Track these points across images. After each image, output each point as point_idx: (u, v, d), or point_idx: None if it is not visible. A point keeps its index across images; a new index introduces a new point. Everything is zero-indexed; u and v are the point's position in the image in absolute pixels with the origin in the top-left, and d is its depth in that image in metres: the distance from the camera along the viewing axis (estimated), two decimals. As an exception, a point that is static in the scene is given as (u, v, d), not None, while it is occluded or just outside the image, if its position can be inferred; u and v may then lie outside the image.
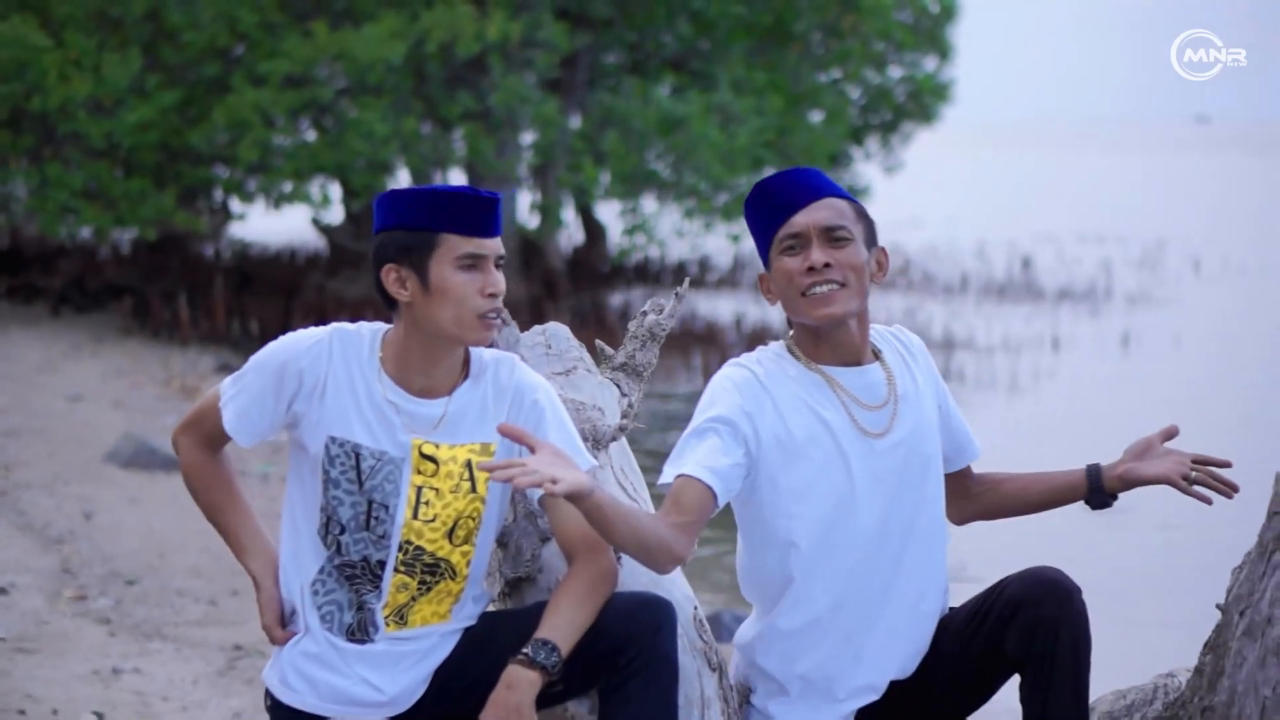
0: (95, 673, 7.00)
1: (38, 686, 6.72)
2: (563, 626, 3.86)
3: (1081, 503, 4.25)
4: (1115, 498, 4.23)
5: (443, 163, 21.54)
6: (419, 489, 3.93)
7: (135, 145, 19.26)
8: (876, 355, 4.14)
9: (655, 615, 3.87)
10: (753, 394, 4.00)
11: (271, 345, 4.01)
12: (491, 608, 4.19)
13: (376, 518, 3.93)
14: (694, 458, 3.92)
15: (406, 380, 3.95)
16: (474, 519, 3.99)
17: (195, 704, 6.78)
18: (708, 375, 4.18)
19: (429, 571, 3.97)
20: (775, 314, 23.61)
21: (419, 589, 3.98)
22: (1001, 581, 4.06)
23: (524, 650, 3.85)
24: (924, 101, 26.18)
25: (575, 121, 22.20)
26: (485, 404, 3.98)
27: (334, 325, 4.02)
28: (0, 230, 23.29)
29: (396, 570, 3.95)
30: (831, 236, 4.04)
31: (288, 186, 20.33)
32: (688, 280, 4.51)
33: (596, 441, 4.20)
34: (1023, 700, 3.97)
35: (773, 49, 23.54)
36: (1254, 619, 3.87)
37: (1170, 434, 4.20)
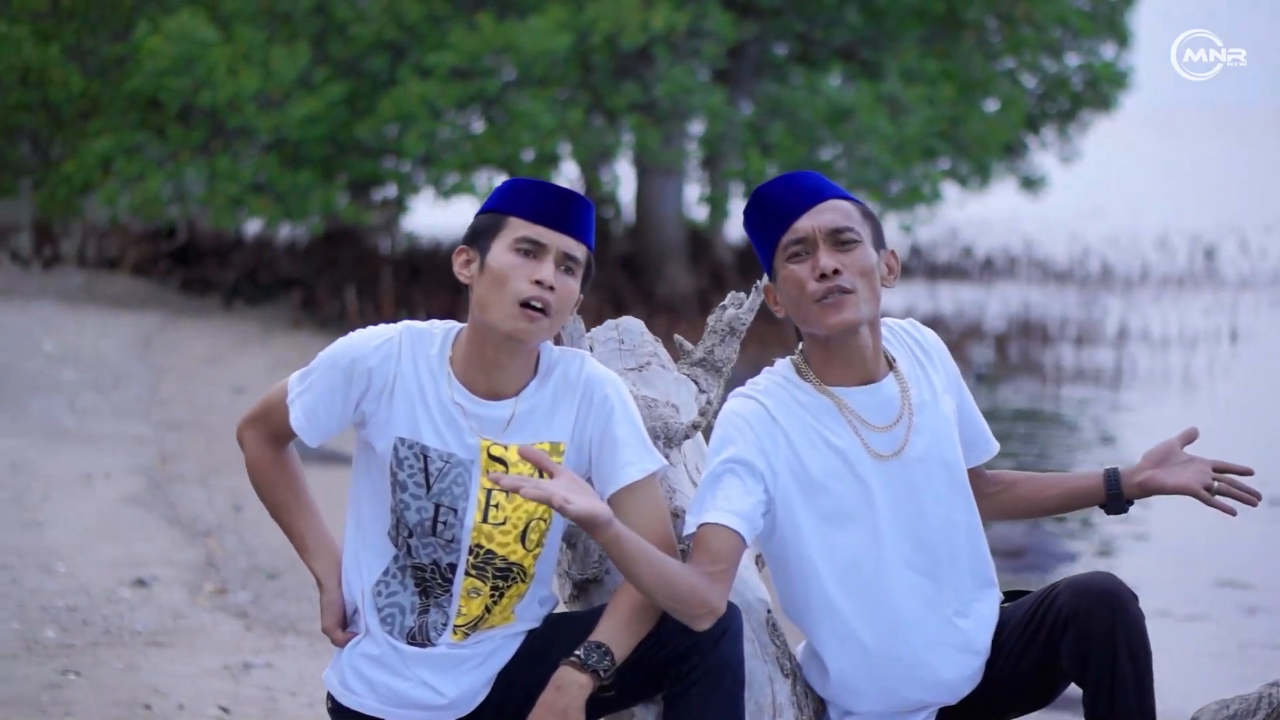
0: (226, 667, 6.97)
1: (166, 681, 6.70)
2: (619, 630, 3.73)
3: (1099, 508, 4.10)
4: (1131, 503, 4.06)
5: (609, 154, 21.49)
6: (489, 492, 3.82)
7: (302, 139, 19.40)
8: (890, 364, 3.96)
9: (719, 620, 3.72)
10: (765, 429, 3.83)
11: (341, 341, 3.91)
12: (560, 610, 4.08)
13: (444, 522, 3.82)
14: (715, 503, 3.76)
15: (473, 382, 3.84)
16: (545, 520, 3.86)
17: (322, 700, 6.72)
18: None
19: (501, 576, 3.85)
20: (945, 303, 23.33)
21: (492, 596, 3.86)
22: (1052, 588, 3.88)
23: (576, 652, 3.72)
24: (1102, 89, 25.70)
25: (745, 111, 22.04)
26: (554, 401, 3.86)
27: (405, 323, 3.93)
28: (178, 225, 23.61)
29: (467, 574, 3.84)
30: (839, 239, 3.85)
31: (454, 178, 20.39)
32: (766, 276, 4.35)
33: (669, 439, 4.06)
34: (1086, 716, 3.78)
35: (945, 37, 23.22)
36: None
37: (1190, 438, 4.03)
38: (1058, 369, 18.79)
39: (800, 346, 3.97)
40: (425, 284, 21.75)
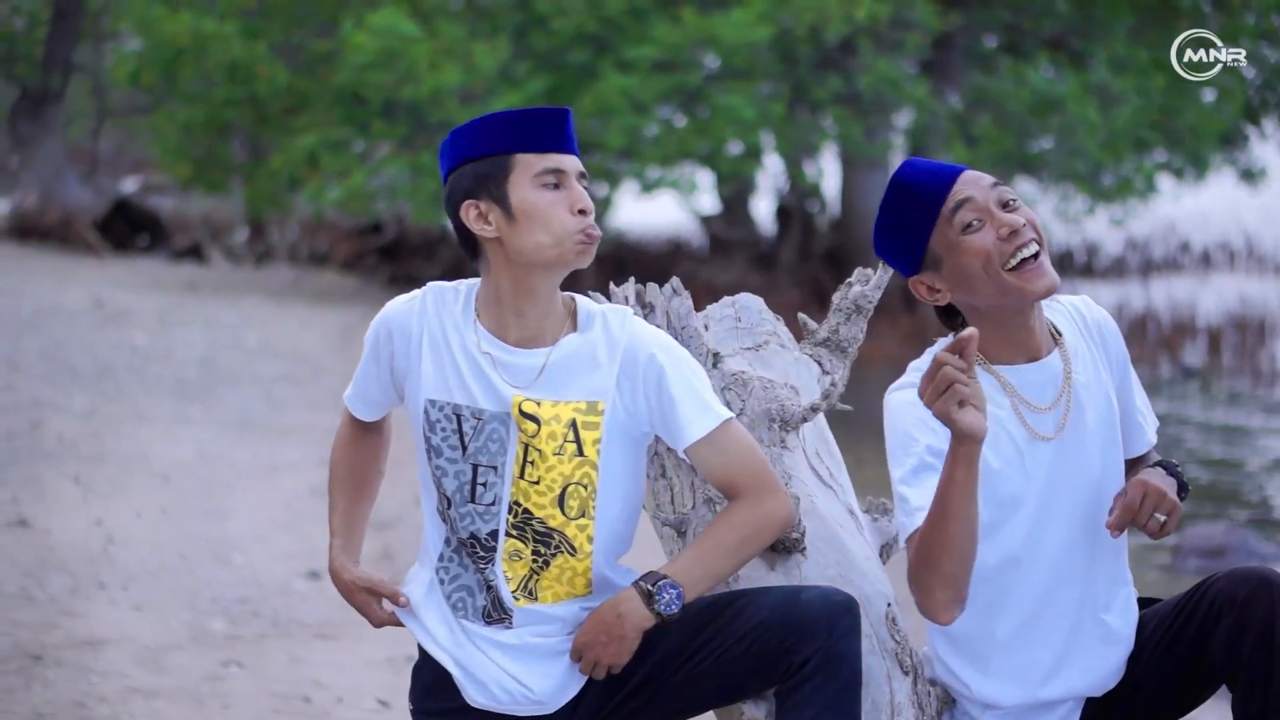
0: (389, 660, 6.90)
1: (328, 673, 6.65)
2: (694, 570, 3.59)
3: None
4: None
5: (813, 147, 21.31)
6: (526, 446, 3.64)
7: (504, 133, 19.42)
8: (1055, 339, 3.72)
9: (833, 613, 3.51)
10: None
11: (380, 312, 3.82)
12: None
13: (483, 483, 3.66)
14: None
15: (503, 329, 3.67)
16: (585, 487, 3.66)
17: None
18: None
19: (541, 541, 3.67)
20: (1158, 298, 22.87)
21: (534, 560, 3.68)
22: (1206, 580, 3.63)
23: (647, 585, 3.59)
24: (1325, 79, 25.10)
25: (951, 102, 21.74)
26: (594, 356, 3.67)
27: (430, 284, 3.78)
28: (385, 221, 23.83)
29: (508, 534, 3.68)
30: (1006, 205, 3.63)
31: (656, 173, 20.33)
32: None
33: (785, 423, 3.85)
34: (1236, 717, 3.54)
35: (1156, 26, 22.71)
36: None
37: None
38: (1274, 364, 18.32)
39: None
40: (628, 278, 21.70)
